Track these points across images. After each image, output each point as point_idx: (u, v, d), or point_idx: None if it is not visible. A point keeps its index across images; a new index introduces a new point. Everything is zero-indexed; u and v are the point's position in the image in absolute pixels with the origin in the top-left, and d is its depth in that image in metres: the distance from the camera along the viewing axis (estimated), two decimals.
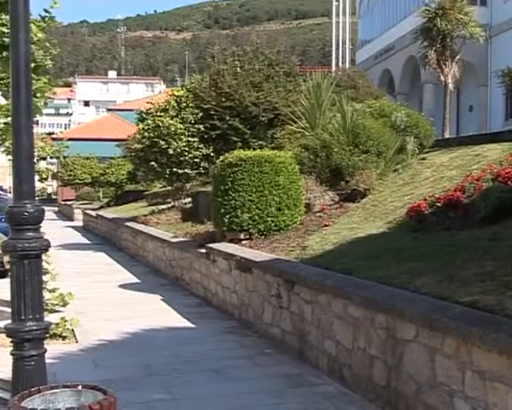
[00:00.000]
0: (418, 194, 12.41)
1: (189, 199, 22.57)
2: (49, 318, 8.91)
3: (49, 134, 45.54)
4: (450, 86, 26.92)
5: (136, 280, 16.94)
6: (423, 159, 15.93)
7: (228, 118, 20.42)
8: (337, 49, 52.01)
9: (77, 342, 10.04)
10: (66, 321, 10.24)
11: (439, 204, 10.51)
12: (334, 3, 52.59)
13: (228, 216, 12.76)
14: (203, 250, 13.72)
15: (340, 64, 49.44)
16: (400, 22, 38.97)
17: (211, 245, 13.22)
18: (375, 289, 7.26)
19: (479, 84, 35.75)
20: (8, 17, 4.90)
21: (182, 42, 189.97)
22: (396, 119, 16.35)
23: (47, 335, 5.07)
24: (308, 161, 14.91)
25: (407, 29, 34.80)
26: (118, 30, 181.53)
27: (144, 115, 22.92)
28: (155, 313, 12.47)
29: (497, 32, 34.46)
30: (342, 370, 7.69)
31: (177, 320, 11.77)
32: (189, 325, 11.42)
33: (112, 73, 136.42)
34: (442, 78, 26.85)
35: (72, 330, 10.40)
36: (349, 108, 16.13)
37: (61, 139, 15.53)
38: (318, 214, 13.48)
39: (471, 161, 13.66)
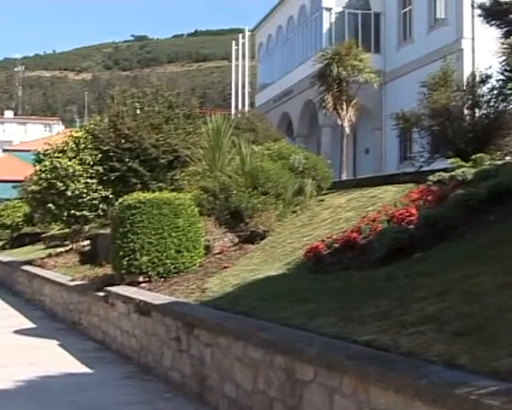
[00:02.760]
0: (316, 235, 12.58)
1: (88, 241, 22.22)
2: None
3: None
4: (347, 130, 27.61)
5: (32, 325, 16.47)
6: (321, 200, 16.19)
7: (127, 159, 20.27)
8: (236, 91, 52.45)
9: None
10: None
11: (336, 245, 10.69)
12: (234, 47, 53.16)
13: (127, 259, 12.63)
14: (101, 294, 13.50)
15: (240, 107, 49.88)
16: (298, 67, 39.70)
17: (109, 288, 13.02)
18: (274, 330, 7.28)
19: (374, 127, 36.70)
20: None
21: (81, 82, 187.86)
22: (294, 161, 16.60)
23: None
24: (207, 203, 14.95)
25: (305, 74, 35.49)
26: (15, 69, 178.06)
27: (42, 156, 22.47)
28: (52, 358, 12.13)
29: (391, 77, 35.57)
30: None
31: (75, 366, 11.48)
32: (87, 370, 11.15)
33: (8, 113, 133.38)
34: (339, 121, 27.51)
35: None
36: (248, 151, 16.29)
37: None
38: (218, 256, 13.48)
39: (367, 203, 13.97)
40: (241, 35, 52.87)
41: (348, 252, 10.21)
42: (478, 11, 8.39)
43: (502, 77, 17.86)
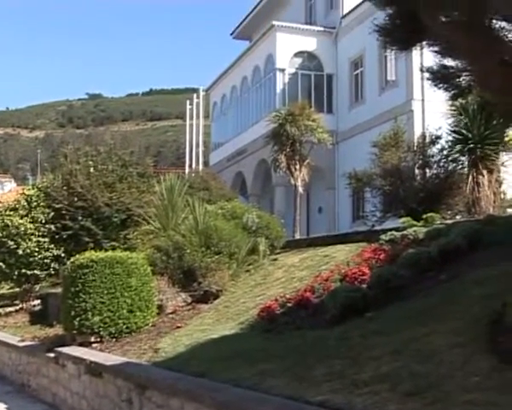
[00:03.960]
0: (270, 294, 12.57)
1: (39, 301, 21.85)
2: None
3: None
4: (300, 189, 27.80)
5: None
6: (275, 260, 16.21)
7: (80, 218, 20.14)
8: (190, 150, 52.59)
9: None
10: None
11: (289, 304, 10.69)
12: (188, 106, 53.45)
13: (78, 319, 12.45)
14: (52, 354, 13.24)
15: (194, 165, 49.98)
16: (252, 126, 39.99)
17: (59, 349, 12.78)
18: (227, 391, 7.21)
19: (327, 186, 36.98)
20: None
21: (34, 140, 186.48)
22: (247, 220, 16.65)
23: None
24: (160, 263, 14.87)
25: (258, 133, 35.74)
26: None
27: None
28: None
29: (343, 137, 36.01)
30: None
31: None
32: None
33: None
34: (292, 181, 27.71)
35: None
36: (201, 210, 16.30)
37: None
38: (171, 316, 13.38)
39: (320, 262, 14.03)
40: (195, 94, 53.26)
41: (301, 311, 10.22)
42: (426, 74, 8.56)
43: (450, 138, 18.25)
